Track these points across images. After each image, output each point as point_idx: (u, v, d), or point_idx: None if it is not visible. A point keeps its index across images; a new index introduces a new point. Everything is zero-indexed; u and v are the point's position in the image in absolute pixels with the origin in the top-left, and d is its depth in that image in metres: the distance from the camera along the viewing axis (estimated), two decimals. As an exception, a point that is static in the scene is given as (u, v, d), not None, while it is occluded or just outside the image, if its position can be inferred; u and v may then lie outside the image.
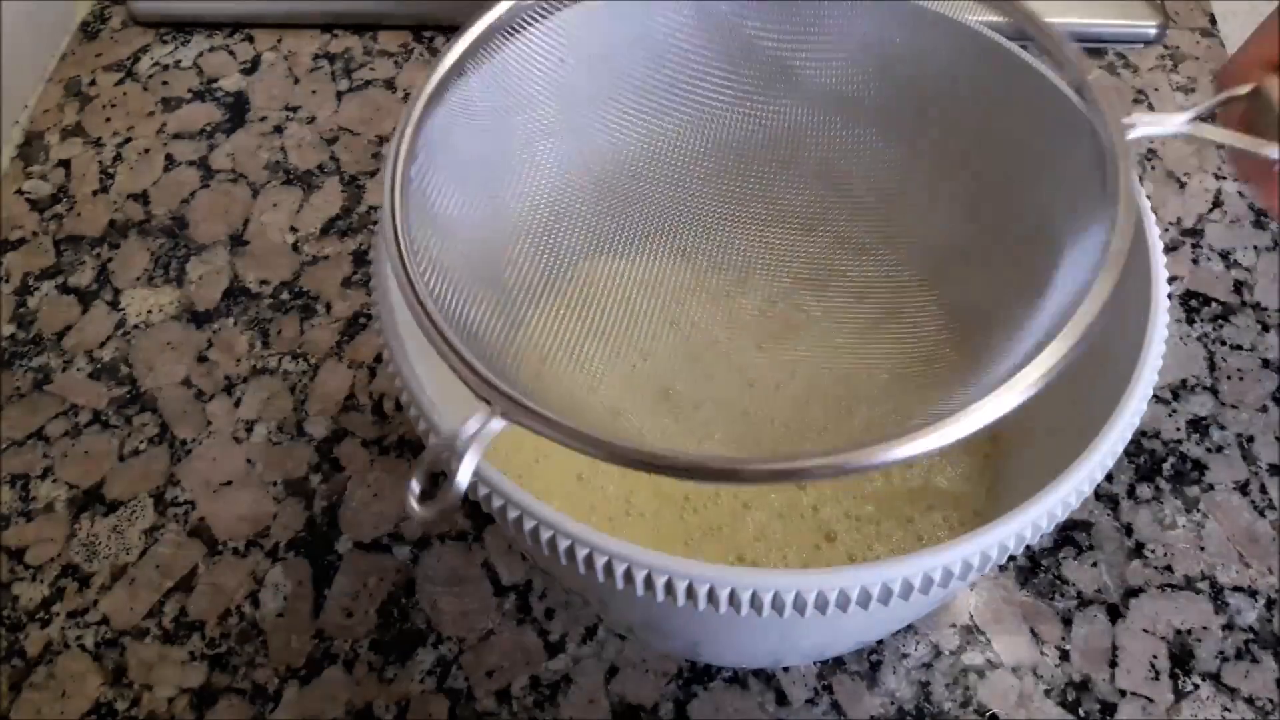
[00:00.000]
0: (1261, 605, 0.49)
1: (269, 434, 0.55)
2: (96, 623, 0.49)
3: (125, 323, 0.60)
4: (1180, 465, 0.53)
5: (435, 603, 0.50)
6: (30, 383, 0.58)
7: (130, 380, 0.57)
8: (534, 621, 0.49)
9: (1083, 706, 0.46)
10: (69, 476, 0.54)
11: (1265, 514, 0.51)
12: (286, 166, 0.67)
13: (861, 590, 0.32)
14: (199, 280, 0.62)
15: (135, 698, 0.47)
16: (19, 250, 0.63)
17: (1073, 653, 0.48)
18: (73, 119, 0.70)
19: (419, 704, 0.47)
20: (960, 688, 0.47)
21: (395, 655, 0.48)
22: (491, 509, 0.35)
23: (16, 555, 0.52)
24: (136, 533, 0.52)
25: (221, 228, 0.64)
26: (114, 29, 0.75)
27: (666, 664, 0.47)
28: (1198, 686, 0.47)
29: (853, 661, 0.47)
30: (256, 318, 0.60)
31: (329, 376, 0.57)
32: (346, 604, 0.50)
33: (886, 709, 0.46)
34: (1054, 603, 0.49)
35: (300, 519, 0.52)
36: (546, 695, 0.47)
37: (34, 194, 0.66)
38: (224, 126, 0.69)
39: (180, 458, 0.55)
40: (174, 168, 0.67)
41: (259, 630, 0.49)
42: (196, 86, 0.71)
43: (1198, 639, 0.48)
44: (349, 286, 0.61)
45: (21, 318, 0.60)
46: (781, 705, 0.47)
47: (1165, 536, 0.51)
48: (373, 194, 0.65)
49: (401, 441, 0.55)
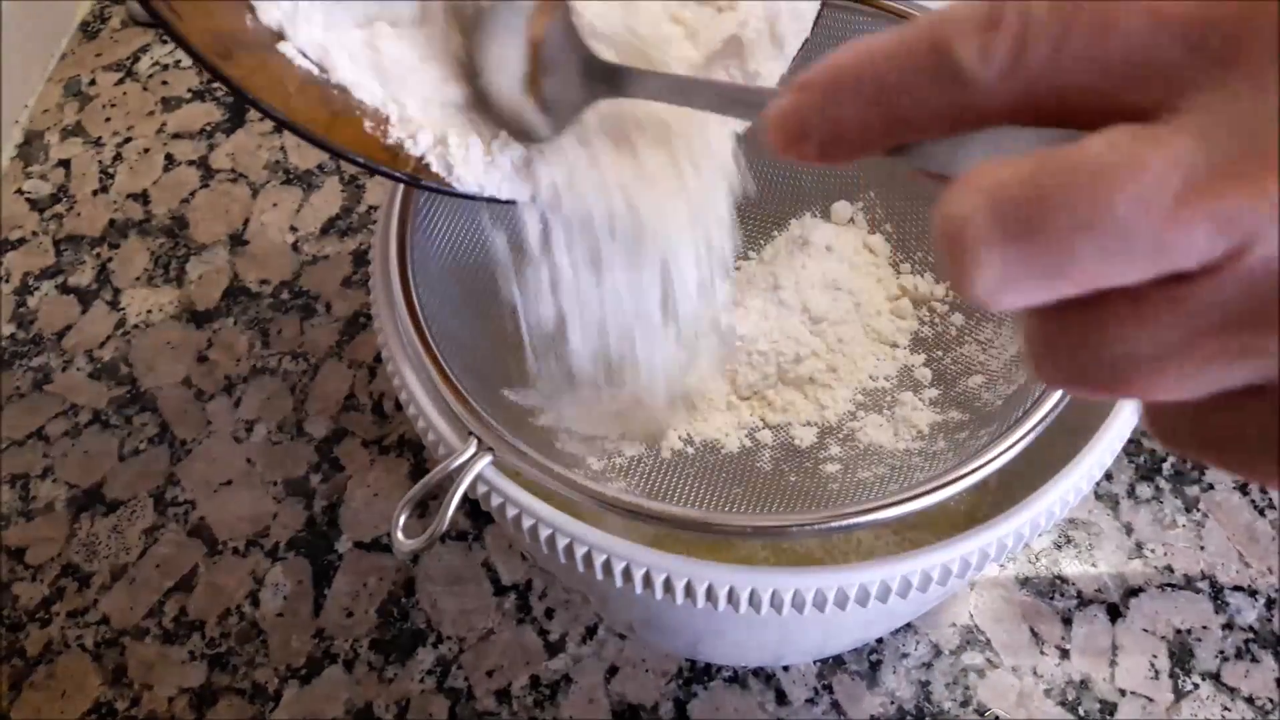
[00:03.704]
0: (1261, 604, 0.49)
1: (269, 434, 0.55)
2: (96, 623, 0.49)
3: (125, 322, 0.60)
4: (1180, 465, 0.53)
5: (435, 602, 0.50)
6: (30, 382, 0.58)
7: (130, 380, 0.57)
8: (534, 621, 0.49)
9: (1083, 706, 0.46)
10: (69, 476, 0.54)
11: (1265, 513, 0.51)
12: (286, 166, 0.67)
13: (860, 589, 0.32)
14: (199, 280, 0.62)
15: (135, 698, 0.47)
16: (19, 250, 0.63)
17: (1073, 652, 0.48)
18: (72, 119, 0.70)
19: (419, 704, 0.47)
20: (960, 687, 0.47)
21: (395, 655, 0.48)
22: (491, 508, 0.35)
23: (16, 555, 0.52)
24: (136, 533, 0.52)
25: (221, 227, 0.64)
26: (114, 29, 0.75)
27: (666, 663, 0.47)
28: (1198, 686, 0.47)
29: (853, 661, 0.47)
30: (256, 318, 0.60)
31: (329, 376, 0.57)
32: (346, 604, 0.50)
33: (886, 708, 0.46)
34: (1054, 602, 0.49)
35: (300, 519, 0.52)
36: (546, 695, 0.47)
37: (34, 194, 0.66)
38: (224, 126, 0.69)
39: (180, 458, 0.55)
40: (174, 167, 0.67)
41: (259, 630, 0.49)
42: (196, 86, 0.71)
43: (1198, 638, 0.48)
44: (349, 286, 0.61)
45: (21, 317, 0.60)
46: (781, 704, 0.46)
47: (1165, 536, 0.51)
48: (373, 194, 0.65)
49: (401, 441, 0.55)
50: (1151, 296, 0.15)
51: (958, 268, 0.15)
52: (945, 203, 0.16)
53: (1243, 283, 0.14)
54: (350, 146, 0.30)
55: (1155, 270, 0.14)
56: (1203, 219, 0.14)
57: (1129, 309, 0.15)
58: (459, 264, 0.42)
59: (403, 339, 0.37)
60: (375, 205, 0.64)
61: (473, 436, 0.34)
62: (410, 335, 0.37)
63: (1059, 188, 0.14)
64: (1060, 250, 0.14)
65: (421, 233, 0.40)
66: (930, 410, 0.42)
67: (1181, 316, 0.15)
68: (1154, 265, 0.14)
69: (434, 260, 0.41)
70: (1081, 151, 0.14)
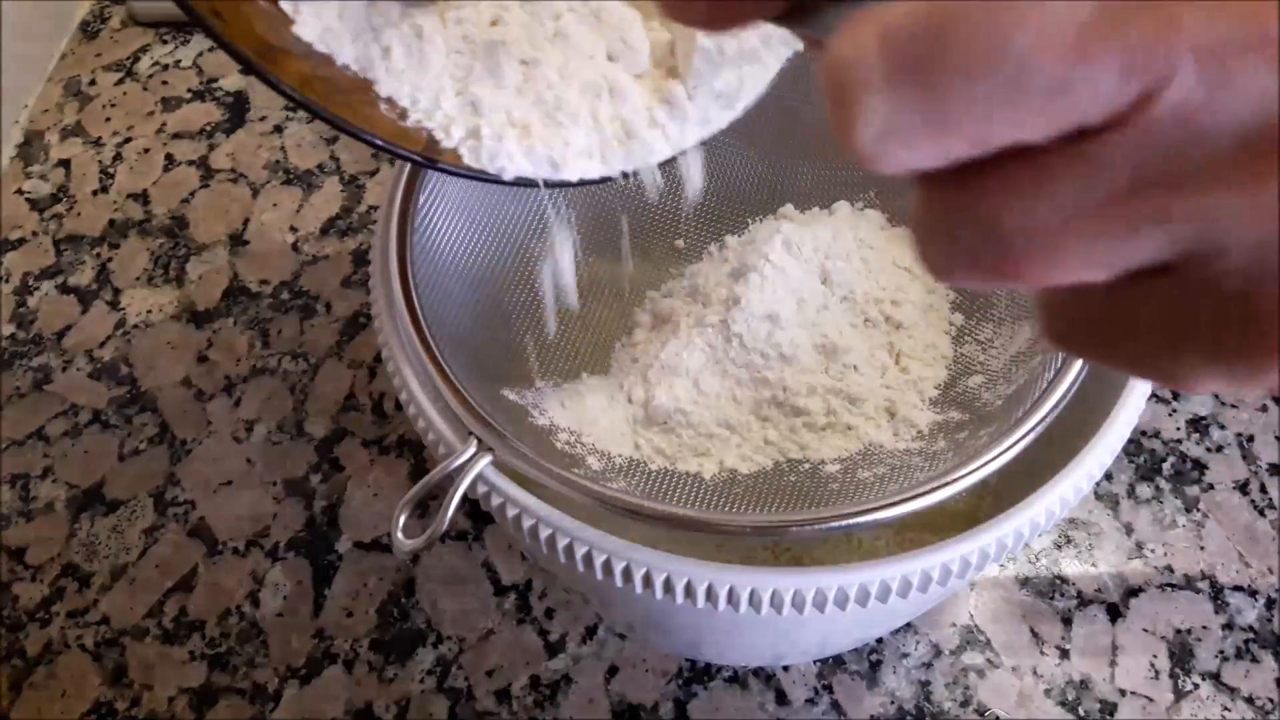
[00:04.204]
0: (1261, 604, 0.49)
1: (269, 434, 0.55)
2: (96, 623, 0.49)
3: (125, 322, 0.60)
4: (1180, 465, 0.53)
5: (435, 602, 0.50)
6: (30, 382, 0.58)
7: (130, 380, 0.57)
8: (534, 621, 0.49)
9: (1083, 706, 0.46)
10: (69, 476, 0.54)
11: (1265, 513, 0.51)
12: (286, 166, 0.67)
13: (860, 589, 0.32)
14: (199, 280, 0.62)
15: (135, 698, 0.47)
16: (19, 250, 0.63)
17: (1073, 652, 0.48)
18: (72, 118, 0.70)
19: (419, 704, 0.47)
20: (960, 687, 0.47)
21: (395, 655, 0.48)
22: (491, 508, 0.35)
23: (16, 555, 0.52)
24: (136, 532, 0.52)
25: (221, 227, 0.64)
26: (113, 29, 0.75)
27: (666, 663, 0.47)
28: (1198, 686, 0.47)
29: (853, 661, 0.47)
30: (256, 317, 0.60)
31: (329, 376, 0.57)
32: (346, 604, 0.50)
33: (886, 708, 0.46)
34: (1054, 602, 0.49)
35: (300, 519, 0.52)
36: (546, 695, 0.47)
37: (34, 194, 0.66)
38: (224, 126, 0.69)
39: (180, 458, 0.55)
40: (174, 167, 0.67)
41: (259, 630, 0.49)
42: (196, 86, 0.71)
43: (1198, 638, 0.48)
44: (349, 286, 0.61)
45: (21, 317, 0.60)
46: (781, 705, 0.46)
47: (1165, 536, 0.51)
48: (373, 194, 0.65)
49: (401, 441, 0.55)
50: (1051, 158, 0.13)
51: (841, 115, 0.14)
52: (831, 46, 0.14)
53: (1151, 135, 0.13)
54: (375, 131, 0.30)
55: (1056, 123, 0.13)
56: (1109, 55, 0.12)
57: (1027, 172, 0.14)
58: (459, 263, 0.42)
59: (403, 339, 0.37)
60: (375, 205, 0.64)
61: (473, 436, 0.34)
62: (410, 335, 0.37)
63: (953, 22, 0.13)
64: (950, 93, 0.13)
65: (421, 233, 0.40)
66: (930, 410, 0.42)
67: (1084, 179, 0.13)
68: (1055, 115, 0.13)
69: (434, 260, 0.41)
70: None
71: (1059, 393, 0.34)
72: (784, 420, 0.42)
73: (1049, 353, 0.37)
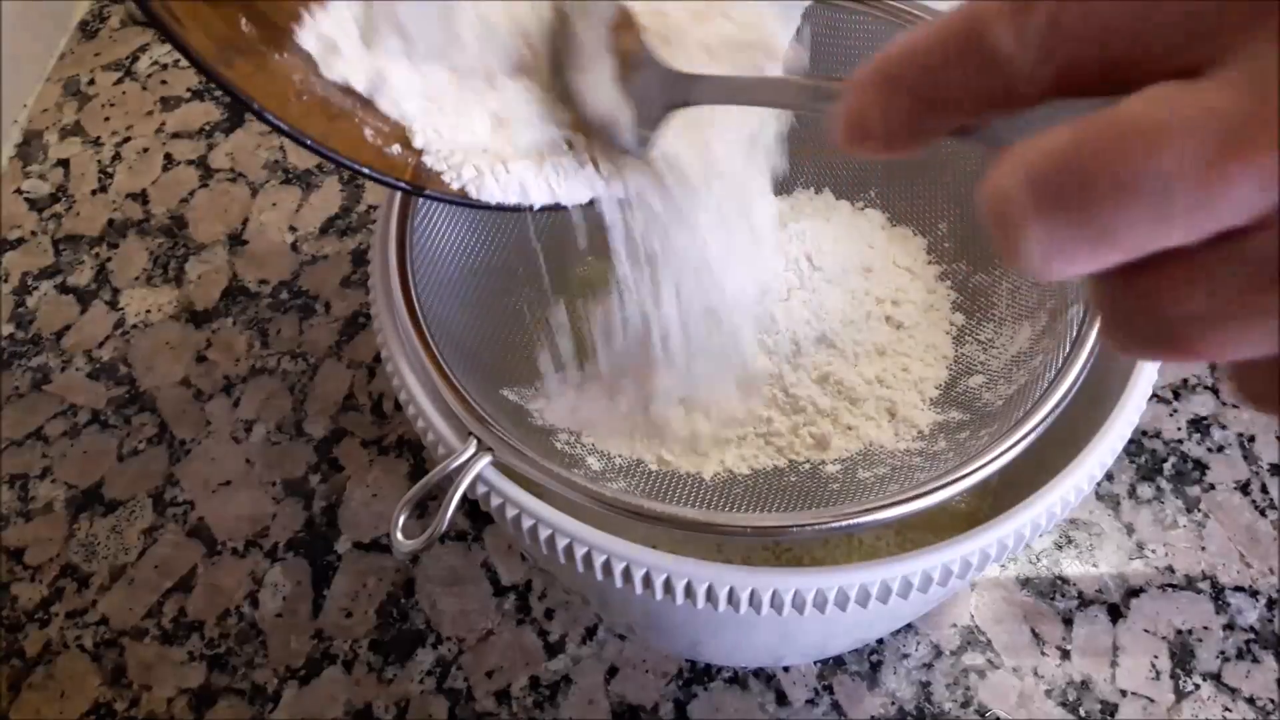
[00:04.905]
0: (1262, 605, 0.49)
1: (268, 434, 0.55)
2: (96, 623, 0.49)
3: (124, 322, 0.60)
4: (1181, 465, 0.53)
5: (435, 603, 0.50)
6: (29, 382, 0.57)
7: (129, 380, 0.57)
8: (534, 621, 0.49)
9: (1083, 706, 0.46)
10: (68, 476, 0.54)
11: (1266, 514, 0.51)
12: (285, 166, 0.66)
13: (860, 589, 0.32)
14: (198, 280, 0.61)
15: (135, 698, 0.47)
16: (18, 250, 0.63)
17: (1073, 653, 0.48)
18: (71, 118, 0.69)
19: (419, 704, 0.47)
20: (961, 688, 0.47)
21: (395, 655, 0.48)
22: (490, 508, 0.35)
23: (16, 555, 0.51)
24: (135, 533, 0.52)
25: (220, 227, 0.64)
26: (113, 28, 0.75)
27: (666, 664, 0.47)
28: (1198, 686, 0.47)
29: (853, 661, 0.47)
30: (256, 317, 0.60)
31: (328, 376, 0.57)
32: (346, 604, 0.50)
33: (887, 709, 0.46)
34: (1054, 603, 0.49)
35: (300, 519, 0.52)
36: (546, 695, 0.47)
37: (33, 193, 0.66)
38: (223, 126, 0.69)
39: (179, 458, 0.54)
40: (173, 167, 0.67)
41: (258, 630, 0.49)
42: (195, 85, 0.71)
43: (1198, 639, 0.48)
44: (348, 286, 0.61)
45: (21, 317, 0.60)
46: (782, 705, 0.46)
47: (1166, 536, 0.51)
48: (372, 193, 0.65)
49: (401, 441, 0.55)
50: (1204, 255, 0.14)
51: (1004, 243, 0.15)
52: (988, 179, 0.15)
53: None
54: (348, 154, 0.30)
55: (1202, 229, 0.14)
56: (1247, 171, 0.13)
57: (1183, 270, 0.15)
58: (458, 263, 0.42)
59: (402, 339, 0.37)
60: (375, 205, 0.64)
61: (472, 437, 0.34)
62: (410, 335, 0.36)
63: (1096, 152, 0.14)
64: (1101, 216, 0.14)
65: (421, 232, 0.40)
66: (931, 410, 0.42)
67: (1237, 270, 0.14)
68: (1200, 224, 0.14)
69: (433, 260, 0.40)
70: (1117, 112, 0.14)
71: (1060, 393, 0.34)
72: (784, 420, 0.42)
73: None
